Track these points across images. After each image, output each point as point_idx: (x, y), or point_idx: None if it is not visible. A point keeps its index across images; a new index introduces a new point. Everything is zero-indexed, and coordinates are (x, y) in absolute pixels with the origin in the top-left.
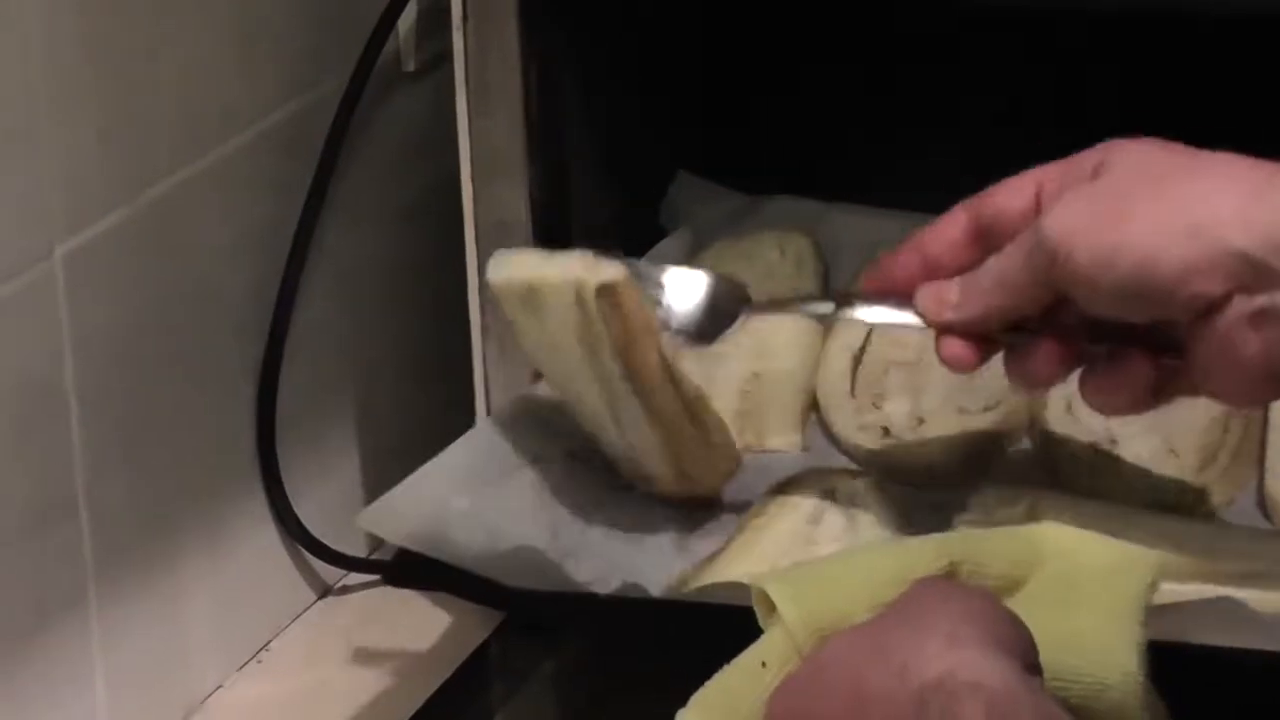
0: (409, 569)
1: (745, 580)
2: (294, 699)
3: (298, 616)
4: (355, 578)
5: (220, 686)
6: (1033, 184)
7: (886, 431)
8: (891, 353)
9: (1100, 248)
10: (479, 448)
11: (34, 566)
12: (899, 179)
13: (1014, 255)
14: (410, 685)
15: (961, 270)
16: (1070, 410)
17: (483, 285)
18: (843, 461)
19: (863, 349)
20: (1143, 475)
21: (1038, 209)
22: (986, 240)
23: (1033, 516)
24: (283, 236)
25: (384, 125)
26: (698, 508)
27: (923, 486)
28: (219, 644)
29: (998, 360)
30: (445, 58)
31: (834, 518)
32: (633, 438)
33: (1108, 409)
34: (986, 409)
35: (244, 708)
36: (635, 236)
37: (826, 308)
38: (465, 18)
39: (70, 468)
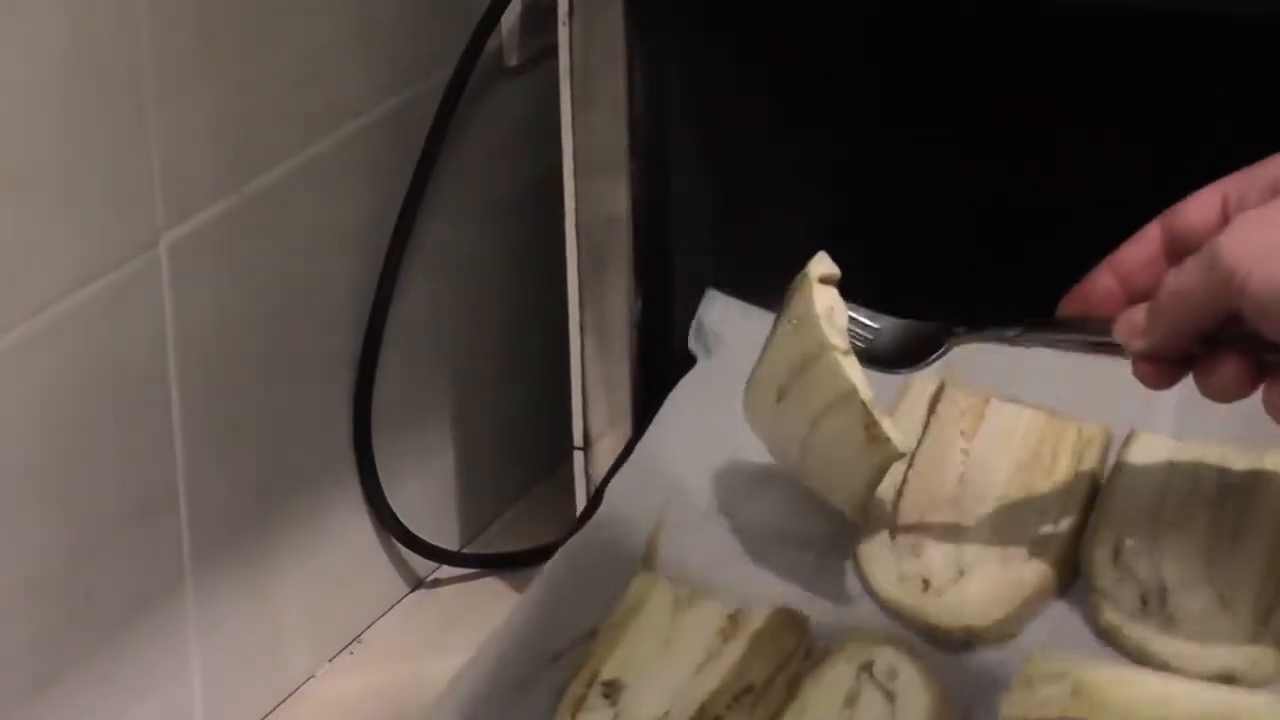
0: (510, 559)
1: None
2: (385, 690)
3: (390, 608)
4: (448, 570)
5: (312, 677)
6: (1219, 195)
7: (926, 584)
8: (932, 488)
9: (1276, 276)
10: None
11: (134, 556)
12: None
13: (1191, 273)
14: None
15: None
16: (1118, 560)
17: (582, 280)
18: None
19: (902, 484)
20: (1194, 631)
21: (1224, 222)
22: (1179, 256)
23: (1077, 694)
24: (383, 229)
25: (486, 120)
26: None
27: (962, 651)
28: (312, 634)
29: (1039, 497)
30: (548, 53)
31: (872, 698)
32: None
33: None
34: (1031, 556)
35: (335, 698)
36: (735, 235)
37: (1015, 332)
38: (571, 12)
39: (171, 458)
